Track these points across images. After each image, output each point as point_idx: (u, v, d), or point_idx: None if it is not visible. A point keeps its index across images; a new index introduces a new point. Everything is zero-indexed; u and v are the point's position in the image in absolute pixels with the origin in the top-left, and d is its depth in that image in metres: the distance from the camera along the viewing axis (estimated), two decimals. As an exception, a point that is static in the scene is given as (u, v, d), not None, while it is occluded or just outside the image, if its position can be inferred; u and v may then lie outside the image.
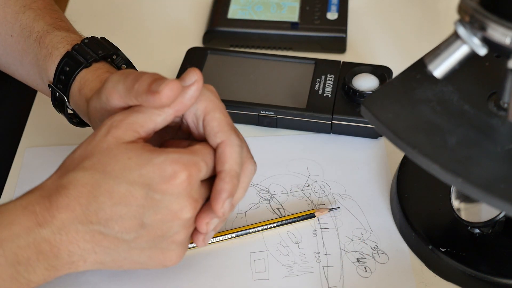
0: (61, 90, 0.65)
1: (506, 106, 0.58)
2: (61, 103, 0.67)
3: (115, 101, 0.58)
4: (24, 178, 0.74)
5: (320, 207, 0.71)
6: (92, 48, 0.66)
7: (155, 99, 0.55)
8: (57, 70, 0.65)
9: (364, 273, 0.66)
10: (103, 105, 0.59)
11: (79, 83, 0.64)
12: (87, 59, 0.65)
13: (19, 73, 0.71)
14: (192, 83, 0.56)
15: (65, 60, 0.65)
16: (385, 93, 0.61)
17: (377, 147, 0.76)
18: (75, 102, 0.65)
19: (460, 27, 0.53)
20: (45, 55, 0.67)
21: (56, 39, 0.67)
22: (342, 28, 0.87)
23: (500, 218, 0.62)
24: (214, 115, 0.58)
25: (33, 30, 0.68)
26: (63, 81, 0.65)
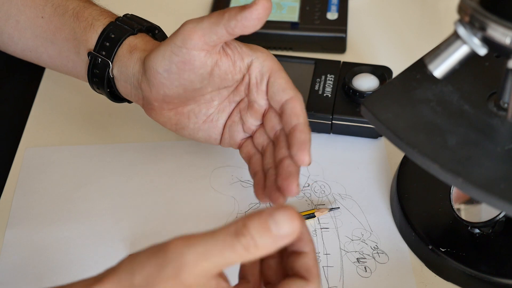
0: (104, 57, 0.66)
1: (506, 106, 0.58)
2: (101, 71, 0.66)
3: (194, 41, 0.60)
4: (24, 178, 0.74)
5: (320, 207, 0.71)
6: (136, 21, 0.68)
7: (253, 11, 0.58)
8: (100, 38, 0.66)
9: (364, 273, 0.66)
10: (176, 49, 0.60)
11: (128, 46, 0.66)
12: (133, 27, 0.67)
13: (48, 54, 0.71)
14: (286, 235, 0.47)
15: (110, 28, 0.66)
16: (385, 93, 0.61)
17: (377, 147, 0.76)
18: (122, 64, 0.65)
19: (460, 27, 0.53)
20: (84, 27, 0.67)
21: (95, 12, 0.68)
22: (342, 28, 0.87)
23: (500, 218, 0.62)
24: (281, 74, 0.63)
25: (67, 8, 0.69)
26: (107, 47, 0.66)
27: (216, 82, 0.64)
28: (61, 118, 0.81)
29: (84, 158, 0.76)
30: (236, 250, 0.45)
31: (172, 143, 0.77)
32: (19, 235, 0.70)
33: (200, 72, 0.62)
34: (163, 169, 0.75)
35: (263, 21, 0.59)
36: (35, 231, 0.70)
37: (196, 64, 0.61)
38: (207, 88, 0.64)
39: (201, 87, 0.63)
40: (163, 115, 0.65)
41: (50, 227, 0.70)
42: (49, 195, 0.73)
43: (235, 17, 0.58)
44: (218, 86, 0.64)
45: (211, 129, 0.67)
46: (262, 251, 0.46)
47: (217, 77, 0.63)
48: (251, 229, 0.45)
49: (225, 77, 0.64)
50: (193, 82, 0.62)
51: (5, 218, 0.71)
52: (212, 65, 0.62)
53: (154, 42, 0.66)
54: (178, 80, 0.62)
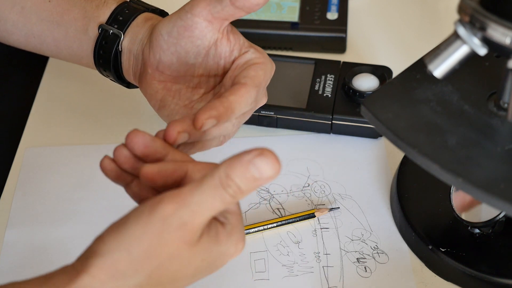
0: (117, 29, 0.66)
1: (506, 106, 0.58)
2: (109, 45, 0.66)
3: (199, 8, 0.60)
4: (24, 178, 0.74)
5: (320, 207, 0.71)
6: (147, 6, 0.68)
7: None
8: (114, 12, 0.66)
9: (364, 273, 0.66)
10: (182, 14, 0.61)
11: (145, 17, 0.66)
12: (146, 7, 0.67)
13: (54, 36, 0.70)
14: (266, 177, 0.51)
15: (125, 5, 0.67)
16: (385, 93, 0.61)
17: (377, 147, 0.76)
18: (134, 32, 0.66)
19: (460, 27, 0.53)
20: (97, 4, 0.68)
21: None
22: (342, 28, 0.87)
23: (500, 218, 0.62)
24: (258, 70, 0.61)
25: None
26: (120, 21, 0.66)
27: (209, 64, 0.64)
28: (61, 118, 0.81)
29: (84, 158, 0.76)
30: (224, 200, 0.48)
31: (172, 143, 0.77)
32: (19, 235, 0.70)
33: (197, 43, 0.62)
34: (163, 169, 0.75)
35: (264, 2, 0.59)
36: (35, 231, 0.70)
37: (196, 33, 0.61)
38: (199, 68, 0.64)
39: (193, 63, 0.63)
40: (152, 86, 0.65)
41: (50, 227, 0.70)
42: (49, 195, 0.73)
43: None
44: (209, 70, 0.64)
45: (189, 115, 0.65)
46: (246, 194, 0.49)
47: (211, 59, 0.63)
48: (235, 179, 0.48)
49: (217, 62, 0.63)
50: (188, 53, 0.62)
51: (5, 218, 0.71)
52: (211, 41, 0.62)
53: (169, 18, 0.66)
54: (175, 46, 0.62)
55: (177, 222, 0.48)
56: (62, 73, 0.78)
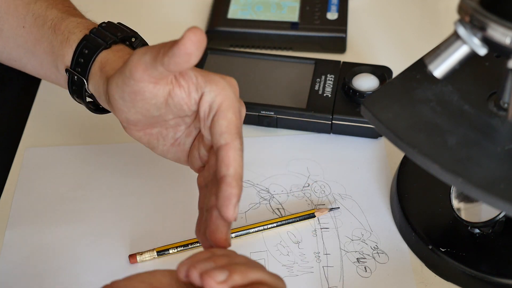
0: (79, 74, 0.65)
1: (506, 106, 0.58)
2: (79, 88, 0.66)
3: (139, 74, 0.57)
4: (24, 178, 0.74)
5: (320, 207, 0.71)
6: (110, 31, 0.66)
7: (180, 46, 0.54)
8: (75, 54, 0.65)
9: (364, 273, 0.66)
10: (126, 80, 0.58)
11: (100, 63, 0.64)
12: (106, 41, 0.64)
13: (32, 65, 0.70)
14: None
15: (84, 43, 0.65)
16: (385, 93, 0.61)
17: (377, 147, 0.76)
18: (95, 82, 0.65)
19: (460, 27, 0.53)
20: (61, 41, 0.66)
21: (72, 24, 0.67)
22: (342, 28, 0.87)
23: (500, 218, 0.62)
24: (227, 114, 0.58)
25: (46, 19, 0.68)
26: (82, 64, 0.64)
27: (173, 111, 0.61)
28: (61, 118, 0.81)
29: (84, 158, 0.76)
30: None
31: (172, 143, 0.77)
32: (19, 235, 0.70)
33: (152, 102, 0.59)
34: (163, 169, 0.75)
35: (197, 55, 0.54)
36: (35, 231, 0.70)
37: (147, 95, 0.59)
38: (167, 115, 0.62)
39: (159, 114, 0.61)
40: (133, 135, 0.64)
41: (50, 227, 0.70)
42: (49, 195, 0.73)
43: (167, 53, 0.55)
44: (178, 114, 0.62)
45: (179, 152, 0.64)
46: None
47: (173, 107, 0.60)
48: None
49: (180, 108, 0.60)
50: (149, 110, 0.60)
51: (5, 218, 0.71)
52: (165, 95, 0.59)
53: (126, 57, 0.64)
54: (134, 108, 0.60)
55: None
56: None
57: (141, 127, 0.62)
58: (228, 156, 0.56)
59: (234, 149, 0.56)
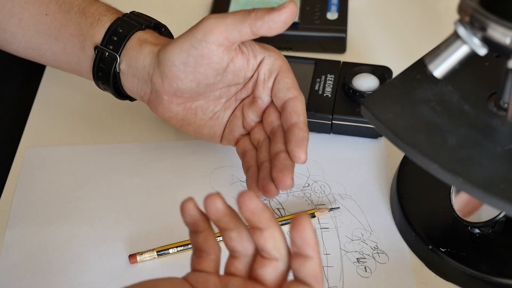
0: (112, 51, 0.66)
1: (506, 106, 0.58)
2: (107, 67, 0.66)
3: (215, 36, 0.60)
4: (24, 178, 0.74)
5: (320, 207, 0.71)
6: (143, 18, 0.68)
7: (281, 13, 0.59)
8: (107, 32, 0.66)
9: (364, 273, 0.66)
10: (195, 43, 0.61)
11: (138, 39, 0.66)
12: (141, 23, 0.67)
13: (52, 51, 0.70)
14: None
15: (119, 23, 0.66)
16: (385, 93, 0.61)
17: (377, 147, 0.76)
18: (131, 57, 0.65)
19: (460, 27, 0.53)
20: (91, 22, 0.67)
21: (102, 8, 0.68)
22: (342, 28, 0.87)
23: (500, 218, 0.62)
24: (289, 73, 0.65)
25: (73, 4, 0.69)
26: (115, 41, 0.65)
27: (228, 78, 0.65)
28: (61, 118, 0.81)
29: (84, 158, 0.76)
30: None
31: (172, 143, 0.77)
32: (19, 235, 0.70)
33: (216, 67, 0.63)
34: (163, 169, 0.75)
35: (289, 25, 0.60)
36: (35, 231, 0.70)
37: (214, 59, 0.62)
38: (219, 84, 0.65)
39: (214, 82, 0.64)
40: (170, 109, 0.65)
41: (50, 227, 0.70)
42: (49, 195, 0.73)
43: (262, 17, 0.60)
44: (229, 82, 0.65)
45: (216, 126, 0.67)
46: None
47: (230, 74, 0.64)
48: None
49: (237, 74, 0.65)
50: (208, 76, 0.63)
51: (5, 218, 0.71)
52: (228, 61, 0.63)
53: (164, 37, 0.67)
54: (193, 74, 0.62)
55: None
56: (62, 73, 0.78)
57: (184, 99, 0.65)
58: (298, 106, 0.63)
59: (302, 101, 0.64)
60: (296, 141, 0.61)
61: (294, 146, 0.61)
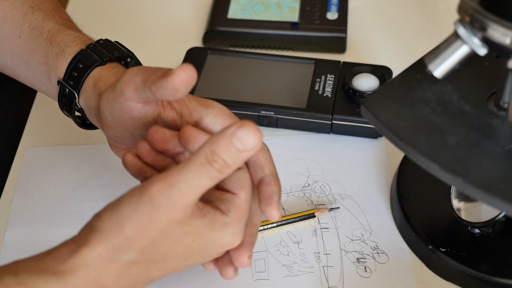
0: (71, 87, 0.65)
1: (506, 106, 0.58)
2: (69, 102, 0.66)
3: (129, 93, 0.58)
4: (24, 178, 0.74)
5: (320, 207, 0.71)
6: (107, 48, 0.66)
7: (168, 81, 0.54)
8: (69, 67, 0.65)
9: (364, 273, 0.66)
10: (116, 97, 0.58)
11: (94, 78, 0.64)
12: (102, 57, 0.65)
13: (25, 74, 0.70)
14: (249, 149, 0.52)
15: (79, 57, 0.65)
16: (385, 93, 0.61)
17: (377, 147, 0.76)
18: (86, 97, 0.65)
19: (460, 27, 0.53)
20: (56, 53, 0.66)
21: (68, 37, 0.67)
22: (342, 28, 0.87)
23: (500, 218, 0.62)
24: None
25: (43, 30, 0.68)
26: (75, 77, 0.64)
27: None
28: (61, 118, 0.81)
29: (84, 158, 0.76)
30: (212, 175, 0.51)
31: (172, 143, 0.77)
32: (19, 235, 0.70)
33: (141, 122, 0.60)
34: (163, 169, 0.75)
35: (183, 92, 0.55)
36: (35, 231, 0.70)
37: (135, 114, 0.59)
38: None
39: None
40: (118, 152, 0.64)
41: (50, 227, 0.70)
42: (49, 195, 0.73)
43: (155, 82, 0.55)
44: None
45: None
46: (233, 168, 0.51)
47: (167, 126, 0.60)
48: (220, 154, 0.50)
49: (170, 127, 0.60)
50: (137, 129, 0.61)
51: (5, 218, 0.71)
52: (154, 116, 0.60)
53: (118, 75, 0.63)
54: (122, 125, 0.60)
55: (165, 202, 0.50)
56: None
57: (128, 145, 0.62)
58: (260, 159, 0.57)
59: (263, 151, 0.58)
60: (266, 199, 0.56)
61: (264, 204, 0.56)
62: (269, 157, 0.58)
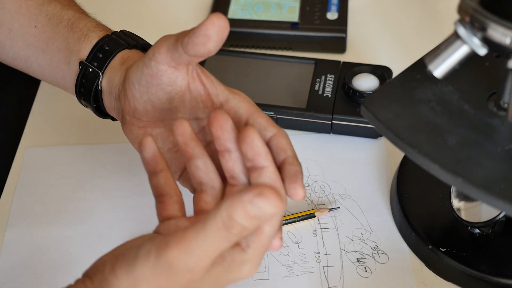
0: (95, 68, 0.65)
1: (506, 106, 0.58)
2: (89, 82, 0.65)
3: (161, 55, 0.57)
4: (24, 178, 0.75)
5: (320, 207, 0.71)
6: (132, 37, 0.67)
7: (201, 27, 0.54)
8: (93, 49, 0.65)
9: (364, 273, 0.66)
10: (147, 61, 0.58)
11: (121, 58, 0.64)
12: (128, 42, 0.65)
13: (38, 63, 0.70)
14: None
15: (106, 40, 0.65)
16: (385, 93, 0.61)
17: (377, 147, 0.76)
18: (111, 75, 0.64)
19: (460, 27, 0.53)
20: (79, 37, 0.66)
21: (91, 24, 0.67)
22: (342, 28, 0.87)
23: (500, 218, 0.62)
24: (260, 114, 0.59)
25: (62, 18, 0.68)
26: (100, 59, 0.64)
27: (187, 108, 0.61)
28: (60, 118, 0.81)
29: (84, 158, 0.76)
30: (230, 239, 0.48)
31: (172, 143, 0.77)
32: (19, 235, 0.70)
33: (168, 90, 0.60)
34: (163, 169, 0.75)
35: (215, 41, 0.54)
36: (35, 231, 0.70)
37: (164, 80, 0.59)
38: (177, 112, 0.61)
39: (170, 108, 0.61)
40: (132, 131, 0.63)
41: (50, 227, 0.70)
42: (49, 195, 0.73)
43: (188, 33, 0.55)
44: (189, 113, 0.61)
45: (174, 159, 0.63)
46: (253, 229, 0.48)
47: (188, 103, 0.61)
48: (238, 219, 0.47)
49: (196, 105, 0.61)
50: (161, 100, 0.60)
51: (5, 218, 0.71)
52: (183, 86, 0.60)
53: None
54: (146, 94, 0.60)
55: (183, 268, 0.48)
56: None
57: (144, 123, 0.62)
58: (281, 142, 0.57)
59: (284, 136, 0.57)
60: (290, 178, 0.55)
61: (289, 183, 0.55)
62: (289, 141, 0.58)
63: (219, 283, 0.52)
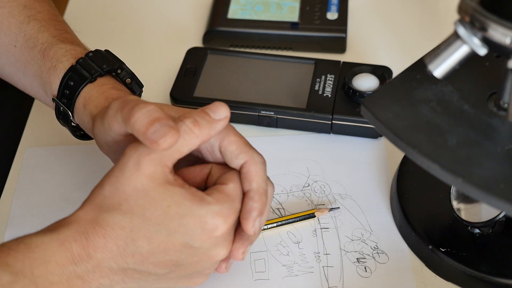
0: (65, 105, 0.65)
1: (506, 106, 0.58)
2: (65, 116, 0.67)
3: (116, 129, 0.58)
4: (24, 178, 0.74)
5: (320, 207, 0.71)
6: (97, 62, 0.66)
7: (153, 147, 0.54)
8: (61, 85, 0.65)
9: (364, 273, 0.66)
10: (107, 130, 0.59)
11: (84, 98, 0.64)
12: (91, 73, 0.65)
13: (22, 83, 0.70)
14: (221, 118, 0.57)
15: (70, 75, 0.65)
16: (385, 93, 0.61)
17: (377, 147, 0.76)
18: (79, 117, 0.65)
19: (460, 27, 0.53)
20: (49, 68, 0.66)
21: (60, 51, 0.66)
22: (342, 28, 0.87)
23: (500, 218, 0.62)
24: (230, 138, 0.58)
25: (37, 42, 0.68)
26: (68, 95, 0.65)
27: None
28: (61, 118, 0.81)
29: (84, 158, 0.76)
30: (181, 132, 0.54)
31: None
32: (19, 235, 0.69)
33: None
34: (163, 169, 0.75)
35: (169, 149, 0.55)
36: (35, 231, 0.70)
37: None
38: None
39: None
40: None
41: (50, 227, 0.70)
42: (49, 195, 0.73)
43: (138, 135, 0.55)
44: None
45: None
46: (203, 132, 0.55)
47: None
48: (193, 113, 0.55)
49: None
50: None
51: (5, 218, 0.71)
52: None
53: (108, 93, 0.64)
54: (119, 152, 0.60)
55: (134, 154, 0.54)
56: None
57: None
58: (250, 172, 0.58)
59: (254, 164, 0.58)
60: (243, 213, 0.57)
61: (241, 217, 0.57)
62: (261, 171, 0.58)
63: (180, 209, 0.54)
